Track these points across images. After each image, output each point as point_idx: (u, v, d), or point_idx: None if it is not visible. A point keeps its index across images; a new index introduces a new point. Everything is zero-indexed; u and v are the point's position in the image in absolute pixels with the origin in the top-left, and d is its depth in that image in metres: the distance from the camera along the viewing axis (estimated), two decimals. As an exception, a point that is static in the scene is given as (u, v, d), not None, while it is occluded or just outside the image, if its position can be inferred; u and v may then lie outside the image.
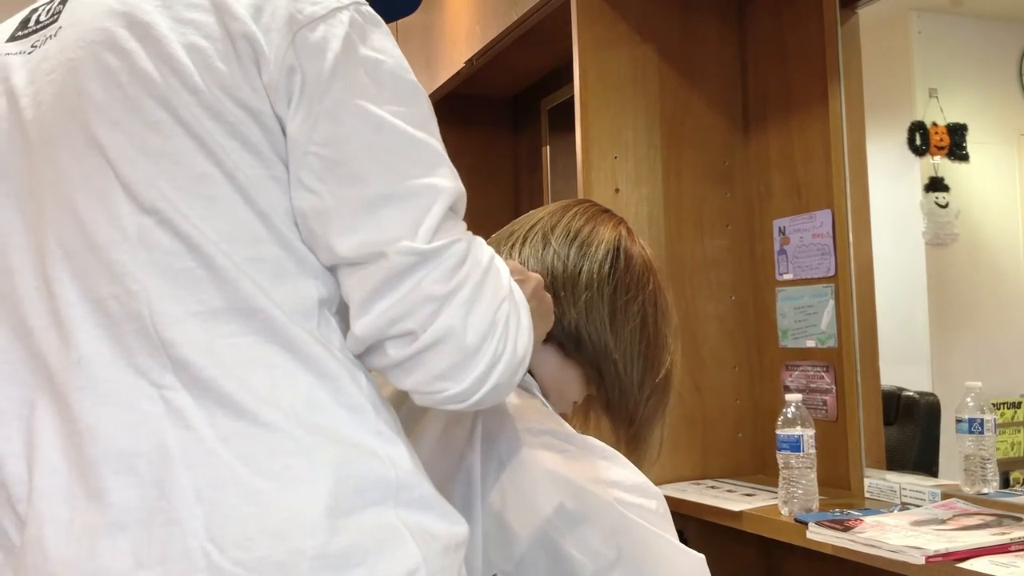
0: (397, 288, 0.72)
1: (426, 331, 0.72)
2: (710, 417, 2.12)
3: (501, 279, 0.78)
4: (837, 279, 1.93)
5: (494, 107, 3.37)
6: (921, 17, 2.31)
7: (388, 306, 0.72)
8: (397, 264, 0.72)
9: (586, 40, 2.04)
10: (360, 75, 0.75)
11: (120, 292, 0.72)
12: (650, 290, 1.13)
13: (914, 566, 1.34)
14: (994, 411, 1.67)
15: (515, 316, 0.77)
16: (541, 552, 0.91)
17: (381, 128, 0.75)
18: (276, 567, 0.68)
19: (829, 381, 1.94)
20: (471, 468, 0.95)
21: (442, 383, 0.74)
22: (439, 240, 0.74)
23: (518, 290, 0.80)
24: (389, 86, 0.77)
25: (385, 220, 0.73)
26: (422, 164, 0.76)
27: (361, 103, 0.74)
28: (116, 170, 0.74)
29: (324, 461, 0.71)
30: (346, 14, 0.76)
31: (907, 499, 1.74)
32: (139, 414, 0.71)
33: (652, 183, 2.09)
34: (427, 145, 0.77)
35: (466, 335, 0.73)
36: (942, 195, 2.27)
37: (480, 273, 0.76)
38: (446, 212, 0.76)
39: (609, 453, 0.99)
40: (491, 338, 0.74)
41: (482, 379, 0.75)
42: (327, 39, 0.74)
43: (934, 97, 2.28)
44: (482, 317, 0.74)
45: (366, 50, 0.76)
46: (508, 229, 1.18)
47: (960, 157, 2.28)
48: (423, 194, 0.75)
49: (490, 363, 0.74)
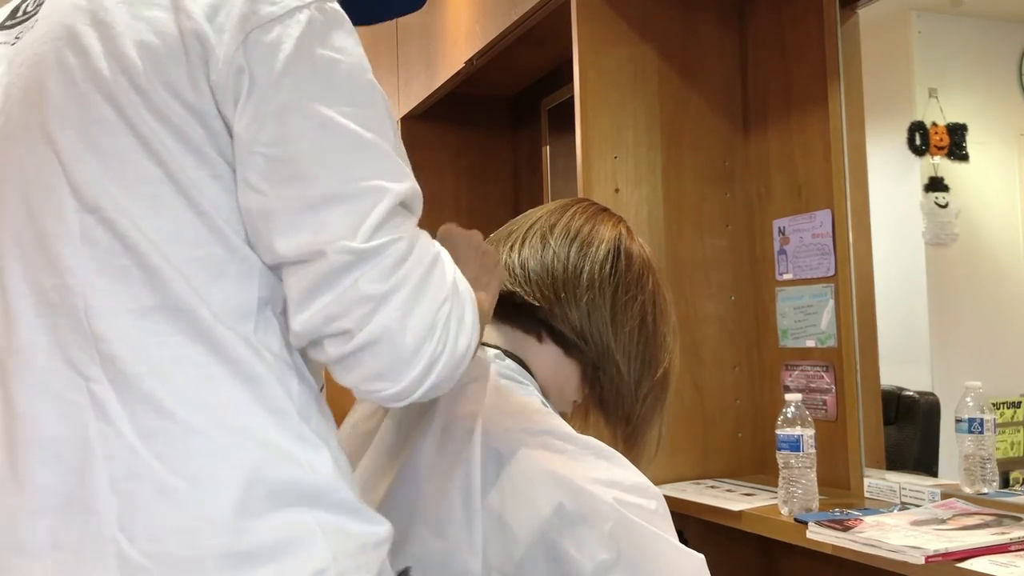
0: (333, 286, 0.73)
1: (362, 331, 0.73)
2: (710, 417, 2.12)
3: (445, 277, 0.78)
4: (837, 279, 1.93)
5: (494, 107, 3.37)
6: (921, 17, 2.32)
7: (324, 304, 0.73)
8: (334, 262, 0.73)
9: (586, 40, 2.04)
10: (312, 76, 0.75)
11: (60, 285, 0.75)
12: (650, 289, 1.14)
13: (914, 566, 1.35)
14: (994, 411, 1.67)
15: (457, 314, 0.77)
16: (540, 552, 0.91)
17: (328, 129, 0.75)
18: (183, 562, 0.71)
19: (829, 381, 1.94)
20: (471, 468, 0.95)
21: (379, 383, 0.75)
22: (378, 239, 0.74)
23: (464, 284, 0.80)
24: (343, 87, 0.77)
25: (327, 220, 0.73)
26: (368, 165, 0.76)
27: (310, 104, 0.75)
28: (65, 166, 0.76)
29: (239, 463, 0.73)
30: (305, 13, 0.76)
31: (907, 499, 1.74)
32: (67, 404, 0.74)
33: (652, 183, 2.09)
34: (375, 146, 0.77)
35: (403, 336, 0.74)
36: (942, 195, 2.27)
37: (422, 272, 0.76)
38: (389, 212, 0.75)
39: (608, 453, 0.99)
40: (430, 340, 0.75)
41: (420, 380, 0.75)
42: (280, 40, 0.74)
43: (934, 97, 2.28)
44: (421, 318, 0.74)
45: (323, 50, 0.76)
46: (507, 228, 1.18)
47: (960, 157, 2.28)
48: (367, 195, 0.75)
49: (428, 364, 0.75)
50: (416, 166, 0.86)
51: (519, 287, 1.10)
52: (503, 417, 0.99)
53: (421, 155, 3.30)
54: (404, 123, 3.29)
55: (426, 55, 3.04)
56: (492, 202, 3.38)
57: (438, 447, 1.00)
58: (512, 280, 1.11)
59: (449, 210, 3.36)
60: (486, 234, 1.20)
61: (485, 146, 3.39)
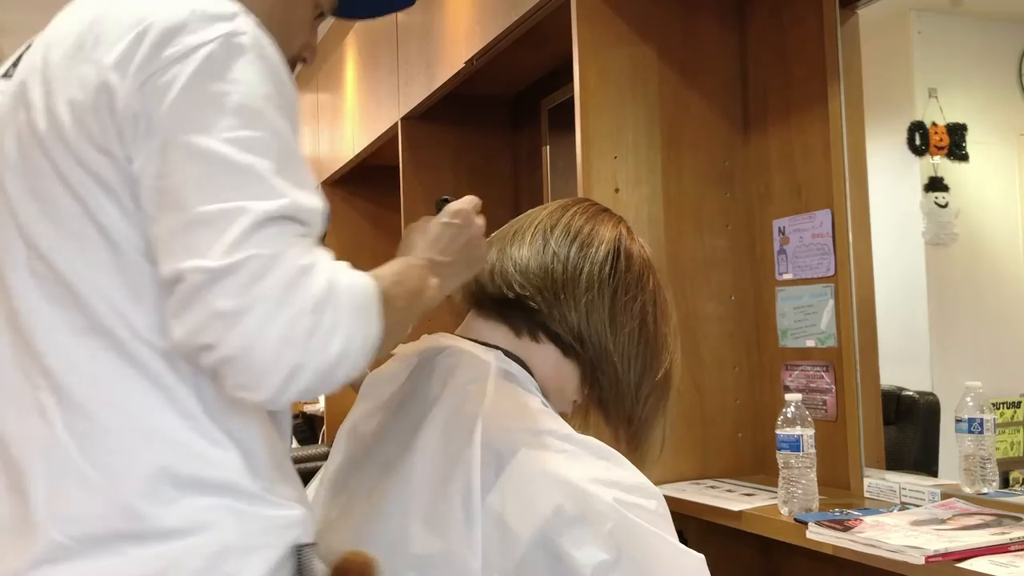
0: (191, 305, 0.80)
1: (222, 345, 0.79)
2: (710, 417, 2.12)
3: (311, 288, 0.81)
4: (837, 279, 1.93)
5: (494, 107, 3.37)
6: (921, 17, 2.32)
7: (188, 321, 0.80)
8: (191, 282, 0.79)
9: (586, 40, 2.04)
10: (196, 108, 0.83)
11: (12, 309, 0.90)
12: (650, 290, 1.14)
13: (914, 566, 1.35)
14: (994, 411, 1.67)
15: (329, 321, 0.81)
16: (541, 552, 0.91)
17: (202, 158, 0.82)
18: (98, 542, 0.83)
19: (829, 381, 1.94)
20: (471, 468, 0.96)
21: (246, 392, 0.81)
22: (231, 257, 0.79)
23: (344, 291, 0.83)
24: (227, 116, 0.83)
25: (189, 243, 0.80)
26: (235, 189, 0.81)
27: (188, 136, 0.82)
28: (12, 209, 0.90)
29: (148, 459, 0.85)
30: (205, 49, 0.84)
31: (907, 499, 1.74)
32: (22, 407, 0.88)
33: (652, 183, 2.09)
34: (248, 169, 0.82)
35: (261, 350, 0.79)
36: (942, 195, 2.27)
37: (282, 285, 0.80)
38: (247, 230, 0.80)
39: (608, 453, 0.99)
40: (289, 350, 0.79)
41: (282, 388, 0.80)
42: (174, 79, 0.83)
43: (934, 97, 2.28)
44: (279, 330, 0.79)
45: (214, 83, 0.83)
46: (508, 228, 1.18)
47: (960, 157, 2.28)
48: (225, 216, 0.80)
49: (289, 373, 0.80)
50: (416, 166, 0.88)
51: (518, 287, 1.10)
52: (503, 417, 0.99)
53: (421, 155, 3.30)
54: (404, 123, 3.29)
55: (426, 55, 3.04)
56: (492, 202, 3.35)
57: (438, 447, 1.00)
58: (511, 280, 1.11)
59: (449, 210, 3.35)
60: (487, 234, 1.20)
61: (485, 146, 3.39)
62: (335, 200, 4.47)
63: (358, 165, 4.08)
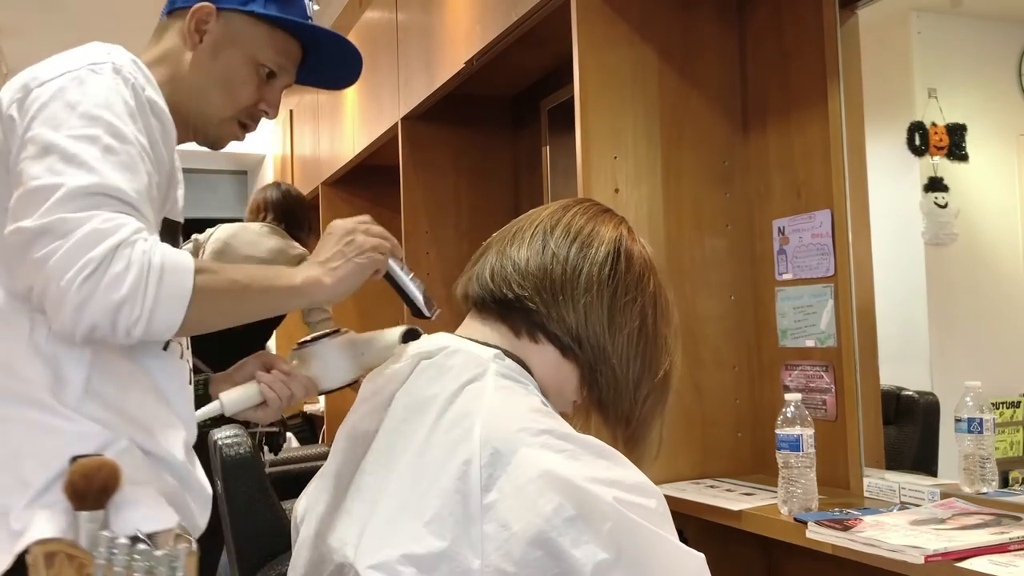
0: (19, 257, 1.06)
1: (35, 286, 1.05)
2: (709, 417, 2.12)
3: (106, 243, 1.04)
4: (836, 279, 1.93)
5: (494, 107, 3.37)
6: (921, 17, 2.32)
7: (18, 272, 1.10)
8: (15, 240, 1.05)
9: (586, 40, 2.04)
10: (52, 112, 1.10)
11: None
12: (650, 291, 1.13)
13: (913, 565, 1.35)
14: (993, 411, 1.67)
15: (118, 270, 1.03)
16: (541, 551, 0.91)
17: (45, 147, 1.08)
18: (9, 512, 1.07)
19: (828, 381, 1.94)
20: (470, 467, 0.96)
21: (52, 323, 1.06)
22: (45, 219, 1.03)
23: (140, 252, 1.05)
24: (76, 116, 1.10)
25: (22, 208, 1.06)
26: (62, 168, 1.06)
27: (41, 131, 1.09)
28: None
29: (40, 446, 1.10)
30: (70, 77, 1.13)
31: (906, 498, 1.74)
32: None
33: (652, 183, 2.09)
34: (74, 155, 1.07)
35: (52, 289, 1.03)
36: (941, 195, 2.27)
37: (80, 240, 1.03)
38: (63, 197, 1.04)
39: (608, 452, 0.99)
40: (78, 290, 1.02)
41: (74, 319, 1.03)
42: (38, 96, 1.11)
43: (933, 97, 2.28)
44: (71, 275, 1.02)
45: (70, 95, 1.11)
46: (509, 228, 1.18)
47: (959, 157, 2.28)
48: (50, 188, 1.05)
49: (76, 308, 1.03)
50: (416, 166, 0.89)
51: (517, 288, 1.10)
52: (503, 416, 1.00)
53: (421, 155, 3.30)
54: (404, 123, 3.29)
55: (426, 55, 3.04)
56: (492, 202, 3.38)
57: (438, 446, 1.00)
58: (510, 280, 1.11)
59: (449, 210, 3.36)
60: (487, 234, 1.21)
61: (485, 146, 3.39)
62: (335, 200, 4.47)
63: (358, 165, 4.08)
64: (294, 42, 1.38)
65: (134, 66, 1.19)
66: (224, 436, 2.58)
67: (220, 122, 1.35)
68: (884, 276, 1.98)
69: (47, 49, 1.30)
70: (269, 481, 2.81)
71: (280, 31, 1.35)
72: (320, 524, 1.10)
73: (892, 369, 2.04)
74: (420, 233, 3.32)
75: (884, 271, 1.98)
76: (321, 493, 1.14)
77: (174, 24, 1.33)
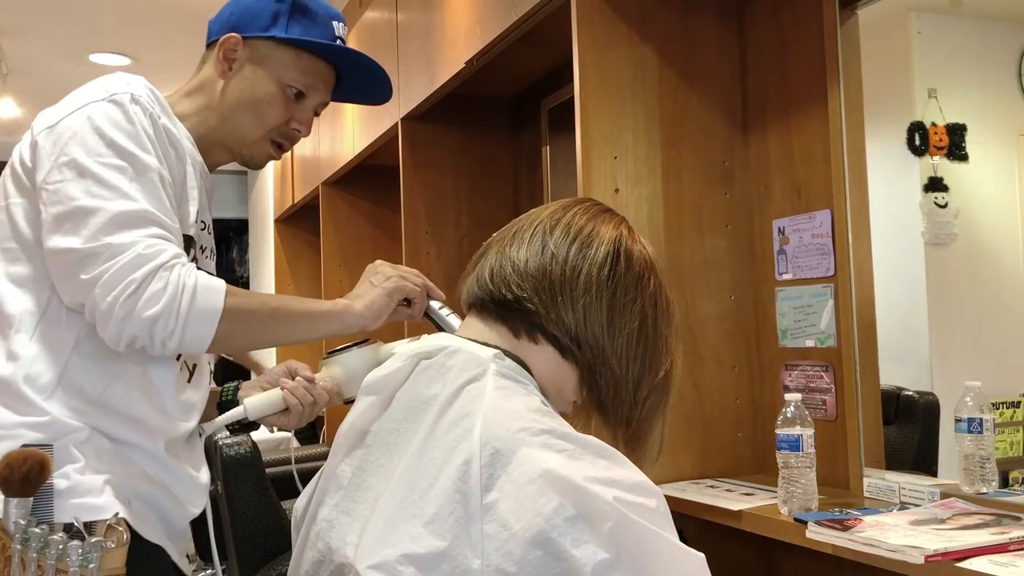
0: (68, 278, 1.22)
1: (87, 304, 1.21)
2: (709, 417, 2.12)
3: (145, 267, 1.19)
4: (836, 279, 1.93)
5: (494, 107, 3.37)
6: (921, 17, 2.31)
7: (67, 290, 1.25)
8: (64, 260, 1.21)
9: (586, 40, 2.04)
10: (83, 139, 1.24)
11: None
12: (650, 291, 1.13)
13: (913, 565, 1.35)
14: (993, 411, 1.67)
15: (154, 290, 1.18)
16: (540, 551, 0.91)
17: (80, 171, 1.22)
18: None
19: (828, 381, 1.94)
20: (470, 467, 0.96)
21: (102, 334, 1.21)
22: (94, 243, 1.18)
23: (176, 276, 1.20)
24: (104, 144, 1.24)
25: (67, 227, 1.21)
26: (100, 192, 1.21)
27: (75, 154, 1.23)
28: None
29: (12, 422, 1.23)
30: (95, 108, 1.26)
31: (906, 498, 1.74)
32: None
33: (652, 183, 2.09)
34: (104, 179, 1.22)
35: (101, 307, 1.19)
36: (941, 195, 2.27)
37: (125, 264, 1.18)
38: (108, 222, 1.19)
39: (609, 452, 0.99)
40: (120, 307, 1.17)
41: (118, 332, 1.19)
42: (70, 126, 1.25)
43: (933, 97, 2.28)
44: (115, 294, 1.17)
45: (98, 123, 1.25)
46: (509, 228, 1.18)
47: (959, 157, 2.28)
48: (91, 211, 1.20)
49: (119, 322, 1.18)
50: (416, 166, 0.90)
51: (516, 288, 1.10)
52: (503, 416, 0.99)
53: (421, 155, 3.30)
54: (404, 123, 3.29)
55: (426, 55, 3.04)
56: (492, 202, 3.38)
57: (438, 446, 1.00)
58: (509, 281, 1.11)
59: (449, 210, 3.36)
60: (487, 234, 1.21)
61: (485, 146, 3.39)
62: (335, 200, 4.47)
63: (358, 165, 4.08)
64: (322, 63, 1.46)
65: (151, 96, 1.32)
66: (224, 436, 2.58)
67: (253, 143, 1.46)
68: (884, 276, 1.98)
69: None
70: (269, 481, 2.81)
71: (305, 53, 1.44)
72: (320, 524, 1.10)
73: (892, 369, 2.04)
74: (420, 233, 3.32)
75: (884, 271, 1.98)
76: (321, 493, 1.14)
77: (210, 55, 1.45)
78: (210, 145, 1.45)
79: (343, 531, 1.05)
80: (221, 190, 7.07)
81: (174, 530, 1.35)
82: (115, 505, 1.22)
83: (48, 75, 5.63)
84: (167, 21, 4.96)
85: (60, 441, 1.22)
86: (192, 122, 1.42)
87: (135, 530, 1.24)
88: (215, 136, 1.44)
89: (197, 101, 1.44)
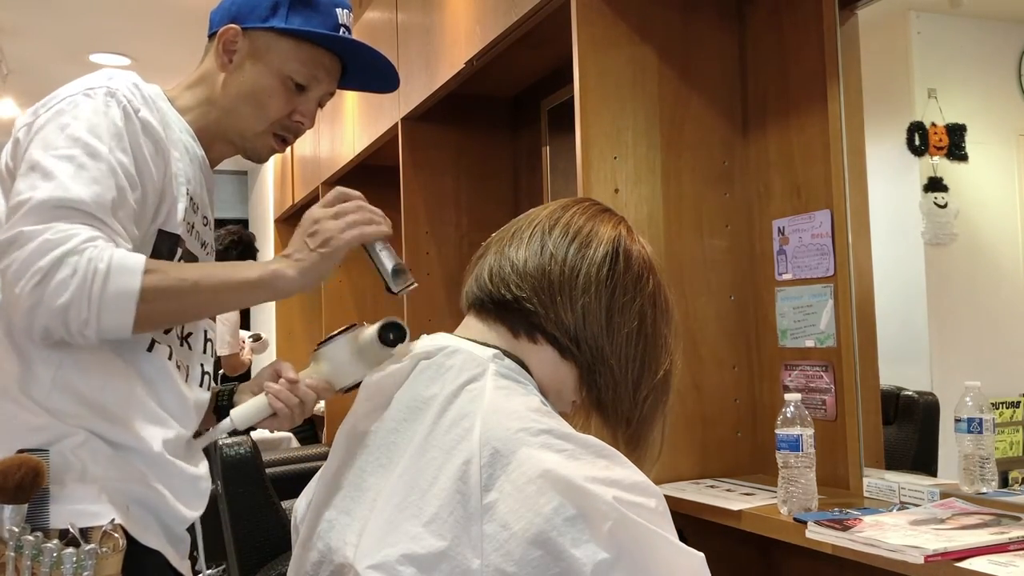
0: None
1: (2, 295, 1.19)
2: (709, 417, 2.12)
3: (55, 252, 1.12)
4: (836, 279, 1.93)
5: (494, 107, 3.38)
6: (920, 17, 2.32)
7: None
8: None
9: (586, 41, 2.04)
10: (45, 134, 1.20)
11: None
12: (649, 290, 1.13)
13: (913, 565, 1.35)
14: (993, 411, 1.67)
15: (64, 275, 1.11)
16: (540, 551, 0.91)
17: (31, 165, 1.18)
18: None
19: (828, 381, 1.94)
20: (470, 467, 0.96)
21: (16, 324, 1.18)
22: (10, 231, 1.13)
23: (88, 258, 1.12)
24: (63, 137, 1.19)
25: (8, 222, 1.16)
26: (38, 183, 1.16)
27: (32, 152, 1.19)
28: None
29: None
30: (67, 102, 1.23)
31: (906, 498, 1.74)
32: None
33: (652, 183, 2.09)
34: (50, 172, 1.17)
35: (11, 295, 1.14)
36: (941, 195, 2.27)
37: (33, 251, 1.12)
38: (28, 210, 1.13)
39: (608, 452, 0.99)
40: (29, 295, 1.11)
41: (28, 321, 1.13)
42: (40, 121, 1.22)
43: (933, 97, 2.28)
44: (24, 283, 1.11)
45: (63, 119, 1.21)
46: (508, 228, 1.18)
47: (959, 157, 2.28)
48: (24, 201, 1.14)
49: (28, 311, 1.12)
50: (416, 166, 0.90)
51: (515, 288, 1.10)
52: (502, 416, 1.00)
53: (421, 155, 3.30)
54: (404, 123, 3.29)
55: (426, 56, 3.04)
56: (492, 202, 3.38)
57: (437, 446, 1.00)
58: (508, 281, 1.11)
59: (449, 210, 3.36)
60: (487, 234, 1.20)
61: (485, 146, 3.39)
62: (335, 200, 4.46)
63: (358, 165, 4.08)
64: (325, 53, 1.41)
65: (132, 90, 1.28)
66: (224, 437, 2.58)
67: (255, 136, 1.42)
68: (884, 276, 1.98)
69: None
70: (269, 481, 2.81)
71: (306, 43, 1.39)
72: (320, 524, 1.10)
73: (892, 369, 2.04)
74: (420, 233, 3.32)
75: (884, 271, 1.98)
76: (321, 493, 1.14)
77: (211, 47, 1.41)
78: (212, 138, 1.41)
79: (343, 531, 1.05)
80: (221, 190, 7.08)
81: (173, 534, 1.32)
82: (111, 511, 1.20)
83: (48, 75, 5.63)
84: (167, 21, 4.96)
85: (56, 446, 1.20)
86: (193, 115, 1.39)
87: (134, 536, 1.22)
88: (216, 129, 1.40)
89: (198, 94, 1.40)
